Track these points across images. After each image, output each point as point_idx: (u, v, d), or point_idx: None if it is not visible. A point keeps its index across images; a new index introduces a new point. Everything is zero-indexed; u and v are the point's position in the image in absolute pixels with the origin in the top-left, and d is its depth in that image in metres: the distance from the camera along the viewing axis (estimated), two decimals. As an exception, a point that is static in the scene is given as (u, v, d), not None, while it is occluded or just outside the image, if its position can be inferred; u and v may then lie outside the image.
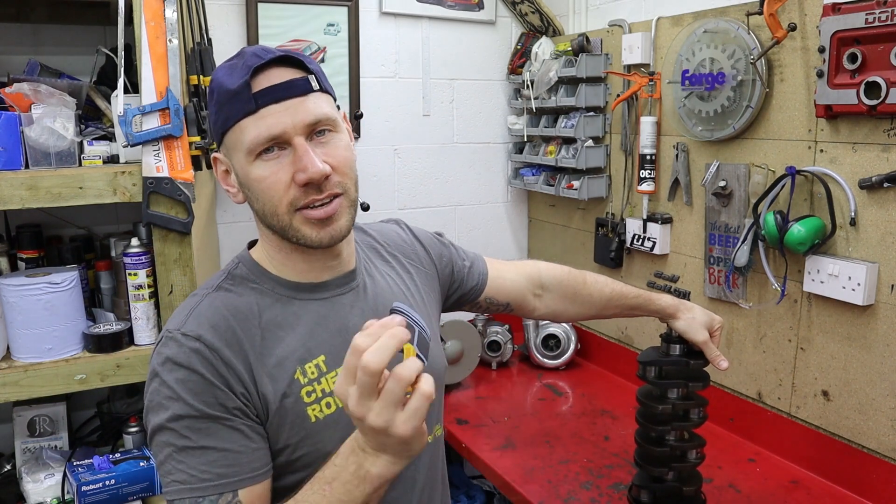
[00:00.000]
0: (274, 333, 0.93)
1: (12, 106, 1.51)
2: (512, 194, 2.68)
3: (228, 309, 0.93)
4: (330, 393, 0.94)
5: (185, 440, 0.86)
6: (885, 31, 1.33)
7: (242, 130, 0.90)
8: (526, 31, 2.52)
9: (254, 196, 0.93)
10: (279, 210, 0.91)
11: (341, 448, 0.79)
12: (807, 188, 1.58)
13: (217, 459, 0.86)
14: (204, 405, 0.86)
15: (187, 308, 0.94)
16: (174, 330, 0.90)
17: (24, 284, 1.52)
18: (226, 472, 0.86)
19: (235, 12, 2.12)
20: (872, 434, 1.51)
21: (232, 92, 0.89)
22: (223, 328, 0.90)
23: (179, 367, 0.87)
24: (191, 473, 0.85)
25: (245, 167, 0.91)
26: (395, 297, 1.07)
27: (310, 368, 0.94)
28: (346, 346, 0.90)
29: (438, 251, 1.23)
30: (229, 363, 0.89)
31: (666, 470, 1.39)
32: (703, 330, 1.34)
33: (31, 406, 1.75)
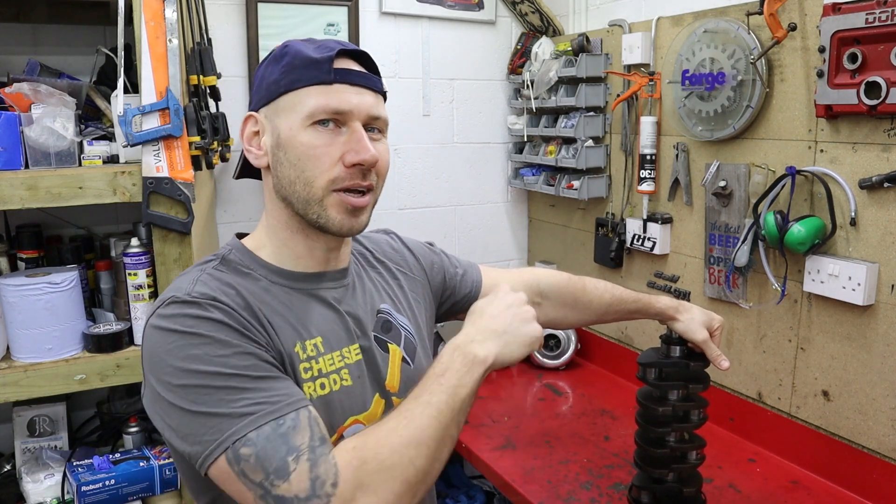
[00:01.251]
0: (273, 309, 0.92)
1: (12, 106, 1.51)
2: (512, 194, 2.67)
3: (229, 284, 0.90)
4: (326, 374, 0.92)
5: (237, 375, 0.79)
6: (885, 31, 1.33)
7: (308, 95, 0.90)
8: (526, 31, 2.52)
9: (290, 161, 0.91)
10: (317, 182, 0.91)
11: (440, 355, 0.86)
12: (807, 188, 1.58)
13: (277, 387, 0.81)
14: (241, 344, 0.82)
15: (188, 280, 0.89)
16: (183, 293, 0.85)
17: (24, 284, 1.52)
18: (291, 392, 0.82)
19: (235, 12, 2.12)
20: (872, 434, 1.51)
21: (311, 59, 0.90)
22: (231, 294, 0.88)
23: (201, 318, 0.82)
24: (255, 405, 0.78)
25: (296, 130, 0.90)
26: (382, 300, 1.07)
27: (309, 346, 0.92)
28: (340, 332, 0.97)
29: (429, 259, 1.22)
30: (247, 320, 0.85)
31: (666, 471, 1.39)
32: (702, 329, 1.34)
33: (31, 406, 1.75)
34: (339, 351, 0.95)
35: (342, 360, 0.95)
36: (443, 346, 0.93)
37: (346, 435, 0.93)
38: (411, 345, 1.07)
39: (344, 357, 0.95)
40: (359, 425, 0.94)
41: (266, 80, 0.94)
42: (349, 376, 0.95)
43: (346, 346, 0.97)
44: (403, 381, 1.03)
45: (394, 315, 1.07)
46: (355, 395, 0.95)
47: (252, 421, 0.77)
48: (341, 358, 0.95)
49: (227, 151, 1.79)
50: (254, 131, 0.96)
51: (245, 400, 0.78)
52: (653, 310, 1.39)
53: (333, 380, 0.93)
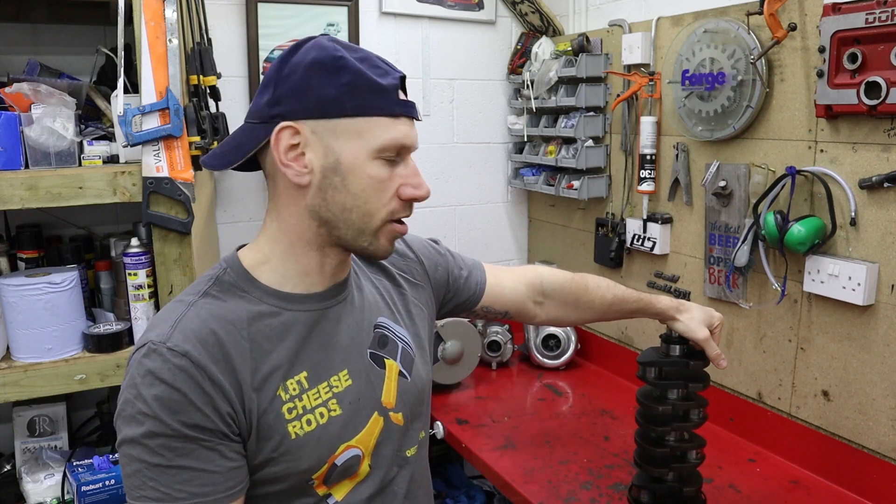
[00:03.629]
0: (260, 346, 0.89)
1: (12, 106, 1.51)
2: (512, 194, 2.68)
3: (216, 320, 0.87)
4: (311, 410, 0.91)
5: (159, 458, 0.82)
6: (885, 31, 1.33)
7: (378, 125, 0.88)
8: (526, 31, 2.52)
9: (350, 189, 0.89)
10: (378, 214, 0.91)
11: None
12: (807, 188, 1.58)
13: (192, 479, 0.83)
14: (181, 425, 0.82)
15: (172, 318, 0.87)
16: (159, 343, 0.84)
17: (24, 284, 1.52)
18: (201, 490, 0.83)
19: (235, 12, 2.12)
20: (872, 434, 1.51)
21: (380, 87, 0.88)
22: (211, 343, 0.85)
23: (161, 382, 0.82)
24: (164, 492, 0.82)
25: (362, 160, 0.88)
26: (380, 311, 1.05)
27: (291, 385, 0.91)
28: (328, 362, 0.95)
29: (433, 260, 1.20)
30: (216, 381, 0.84)
31: (666, 470, 1.39)
32: (702, 328, 1.35)
33: (31, 406, 1.75)
34: (325, 382, 0.94)
35: (329, 392, 0.94)
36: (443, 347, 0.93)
37: (338, 462, 0.93)
38: (408, 357, 1.05)
39: (332, 387, 0.94)
40: (352, 450, 0.95)
41: (317, 91, 0.87)
42: (338, 406, 0.94)
43: (335, 374, 0.95)
44: (400, 394, 1.02)
45: (391, 328, 1.05)
46: (346, 423, 0.94)
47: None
48: (328, 389, 0.94)
49: (227, 151, 1.79)
50: (291, 144, 0.88)
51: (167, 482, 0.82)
52: (653, 309, 1.39)
53: (320, 413, 0.92)
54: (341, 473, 0.94)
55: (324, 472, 0.92)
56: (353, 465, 0.95)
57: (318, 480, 0.93)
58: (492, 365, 2.36)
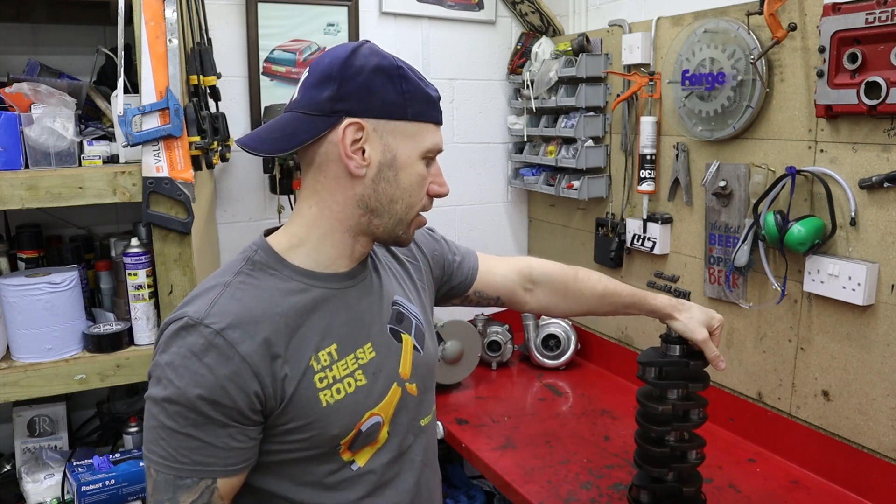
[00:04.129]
0: (293, 320, 0.96)
1: (12, 106, 1.51)
2: (512, 194, 2.68)
3: (251, 298, 0.94)
4: (340, 379, 0.98)
5: (172, 422, 0.88)
6: (885, 31, 1.33)
7: (428, 131, 1.01)
8: (526, 31, 2.52)
9: (399, 183, 0.99)
10: (416, 207, 1.02)
11: None
12: (807, 188, 1.58)
13: (197, 448, 0.89)
14: (200, 399, 0.88)
15: (210, 297, 0.94)
16: (196, 319, 0.90)
17: (24, 284, 1.52)
18: (202, 460, 0.90)
19: (235, 12, 2.12)
20: (872, 434, 1.51)
21: (430, 98, 1.01)
22: (246, 321, 0.92)
23: (192, 356, 0.88)
24: (170, 452, 0.89)
25: (414, 159, 0.99)
26: (395, 291, 1.13)
27: (323, 356, 0.97)
28: (354, 335, 1.03)
29: (431, 247, 1.28)
30: (247, 359, 0.90)
31: (666, 470, 1.39)
32: (701, 328, 1.34)
33: (31, 406, 1.75)
34: (352, 354, 1.01)
35: (355, 363, 1.01)
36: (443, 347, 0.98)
37: (363, 429, 1.00)
38: (421, 332, 1.14)
39: (358, 359, 1.02)
40: (375, 417, 1.02)
41: (378, 93, 0.96)
42: (363, 376, 1.01)
43: (360, 347, 1.03)
44: (415, 367, 1.10)
45: (405, 305, 1.14)
46: (370, 392, 1.02)
47: (165, 464, 0.90)
48: (355, 360, 1.01)
49: (227, 151, 1.79)
50: (357, 139, 0.96)
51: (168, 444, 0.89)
52: (648, 306, 1.39)
53: (348, 383, 0.99)
54: (364, 439, 1.01)
55: (350, 437, 0.99)
56: (374, 431, 1.02)
57: (345, 446, 1.00)
58: (492, 365, 2.36)
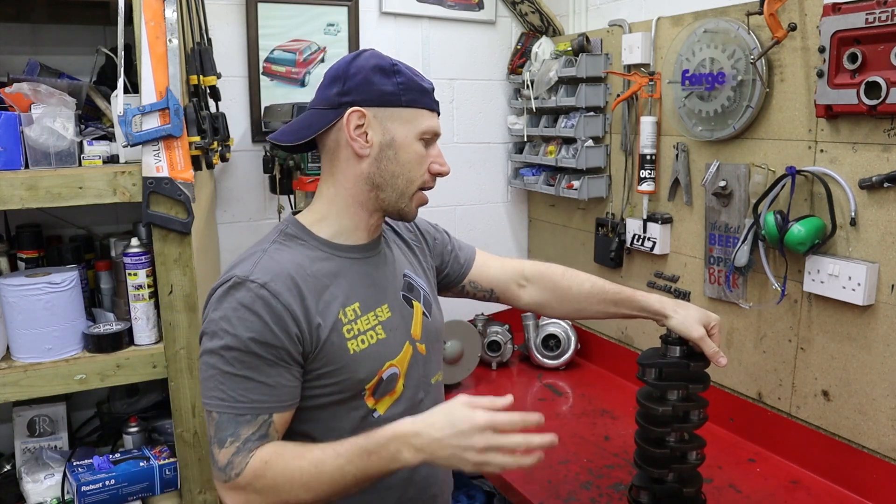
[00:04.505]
0: (321, 281, 1.13)
1: (12, 106, 1.51)
2: (512, 194, 2.68)
3: (286, 261, 1.11)
4: (364, 332, 1.15)
5: (230, 367, 1.04)
6: (885, 31, 1.33)
7: (422, 116, 1.16)
8: (526, 31, 2.52)
9: (399, 160, 1.16)
10: (416, 182, 1.18)
11: (381, 434, 1.00)
12: (807, 188, 1.58)
13: (254, 388, 1.05)
14: (253, 342, 1.04)
15: (252, 260, 1.11)
16: (243, 277, 1.07)
17: (24, 284, 1.52)
18: (259, 399, 1.05)
19: (235, 12, 2.12)
20: (872, 434, 1.51)
21: (423, 88, 1.17)
22: (284, 277, 1.08)
23: (243, 307, 1.05)
24: (229, 394, 1.04)
25: (411, 140, 1.16)
26: (404, 266, 1.31)
27: (349, 311, 1.15)
28: (374, 296, 1.21)
29: (433, 235, 1.45)
30: (288, 307, 1.06)
31: (666, 471, 1.39)
32: (697, 326, 1.34)
33: (31, 406, 1.75)
34: (373, 311, 1.18)
35: (376, 319, 1.18)
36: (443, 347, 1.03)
37: (384, 377, 1.17)
38: (428, 301, 1.32)
39: (377, 316, 1.19)
40: (393, 368, 1.19)
41: (376, 86, 1.14)
42: (383, 331, 1.18)
43: (379, 307, 1.20)
44: (424, 329, 1.27)
45: (414, 278, 1.31)
46: (389, 345, 1.19)
47: (227, 405, 1.05)
48: (375, 317, 1.18)
49: (227, 151, 1.79)
50: (359, 124, 1.14)
51: (227, 388, 1.05)
52: (637, 304, 1.41)
53: (370, 335, 1.16)
54: (385, 387, 1.18)
55: (374, 383, 1.16)
56: (392, 381, 1.19)
57: (369, 391, 1.16)
58: (492, 365, 2.36)
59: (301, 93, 2.24)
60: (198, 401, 1.63)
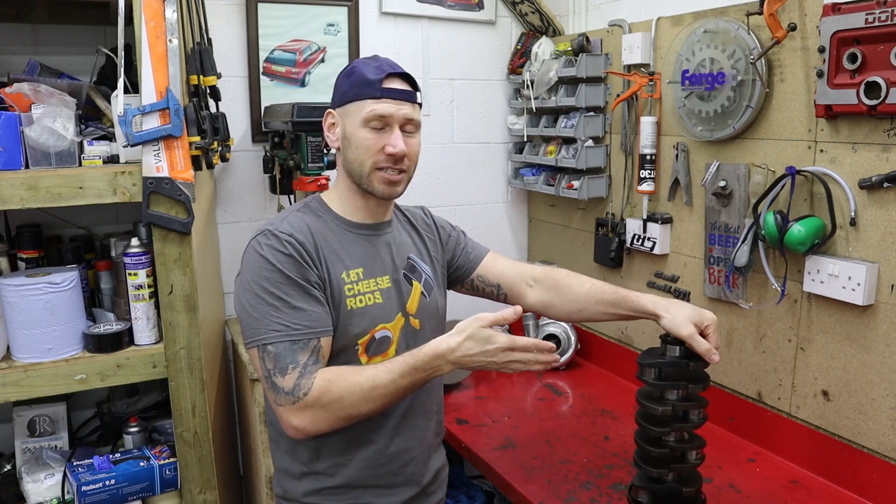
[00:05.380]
0: (330, 245, 1.31)
1: (12, 106, 1.52)
2: (512, 194, 2.68)
3: (307, 224, 1.30)
4: (363, 293, 1.30)
5: (277, 301, 1.20)
6: (885, 31, 1.33)
7: (365, 105, 1.28)
8: (526, 31, 2.52)
9: (352, 148, 1.30)
10: (366, 164, 1.29)
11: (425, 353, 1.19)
12: (807, 188, 1.58)
13: (302, 316, 1.21)
14: (296, 275, 1.22)
15: (281, 217, 1.32)
16: (274, 229, 1.26)
17: (24, 284, 1.52)
18: (311, 324, 1.21)
19: (235, 12, 2.12)
20: (872, 434, 1.51)
21: (367, 80, 1.28)
22: (306, 232, 1.28)
23: (278, 251, 1.23)
24: (286, 324, 1.20)
25: (356, 128, 1.29)
26: (410, 250, 1.43)
27: (353, 273, 1.31)
28: (376, 266, 1.36)
29: (447, 231, 1.57)
30: (310, 254, 1.25)
31: (666, 471, 1.39)
32: (688, 324, 1.32)
33: (31, 406, 1.75)
34: (374, 279, 1.33)
35: (376, 286, 1.33)
36: None
37: (376, 336, 1.31)
38: (429, 284, 1.43)
39: (378, 284, 1.33)
40: (385, 330, 1.33)
41: (340, 89, 1.33)
42: (381, 297, 1.32)
43: (381, 276, 1.34)
44: (420, 307, 1.39)
45: (418, 262, 1.43)
46: (384, 310, 1.33)
47: (280, 335, 1.20)
48: (375, 284, 1.33)
49: (227, 151, 1.79)
50: (331, 123, 1.35)
51: (282, 318, 1.20)
52: (630, 304, 1.41)
53: (369, 297, 1.31)
54: (377, 347, 1.31)
55: (366, 340, 1.30)
56: (384, 343, 1.33)
57: (362, 347, 1.30)
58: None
59: (301, 93, 2.24)
60: (198, 401, 1.63)
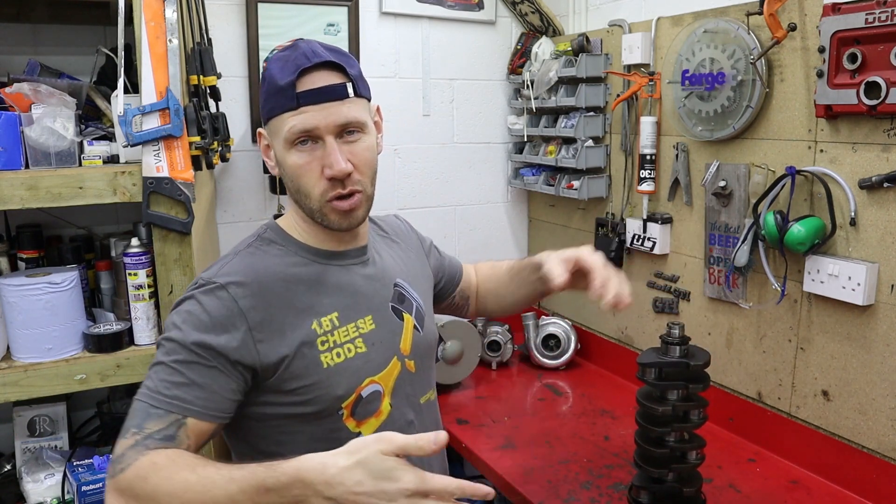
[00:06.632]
0: (294, 289, 1.07)
1: (12, 106, 1.52)
2: (512, 194, 2.68)
3: (257, 265, 1.07)
4: (341, 344, 1.08)
5: (165, 357, 0.99)
6: (885, 31, 1.33)
7: (283, 122, 1.03)
8: (526, 31, 2.52)
9: (288, 177, 1.07)
10: (312, 196, 1.06)
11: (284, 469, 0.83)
12: (807, 188, 1.58)
13: (177, 385, 0.97)
14: (196, 342, 0.98)
15: (221, 262, 1.08)
16: (206, 279, 1.04)
17: (24, 284, 1.52)
18: (179, 395, 0.97)
19: (235, 12, 2.12)
20: (872, 434, 1.51)
21: (279, 87, 1.02)
22: (250, 281, 1.04)
23: (196, 302, 1.01)
24: (155, 384, 0.98)
25: (282, 152, 1.05)
26: (397, 273, 1.22)
27: (325, 321, 1.08)
28: (354, 305, 1.12)
29: (427, 243, 1.44)
30: (246, 311, 1.01)
31: (666, 471, 1.39)
32: (557, 267, 1.18)
33: (31, 406, 1.75)
34: (353, 323, 1.10)
35: (357, 331, 1.10)
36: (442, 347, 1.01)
37: (363, 394, 1.08)
38: (421, 314, 1.23)
39: (359, 328, 1.11)
40: (374, 385, 1.10)
41: (260, 101, 1.08)
42: (363, 344, 1.10)
43: (361, 318, 1.12)
44: (414, 345, 1.18)
45: (407, 289, 1.22)
46: (370, 360, 1.10)
47: (147, 393, 0.98)
48: (356, 329, 1.10)
49: (227, 151, 1.79)
50: (266, 144, 1.11)
51: (160, 377, 0.98)
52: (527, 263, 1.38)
53: (348, 348, 1.08)
54: (366, 406, 1.09)
55: (352, 401, 1.08)
56: (375, 399, 1.10)
57: (347, 411, 1.08)
58: (492, 365, 2.36)
59: (301, 93, 2.24)
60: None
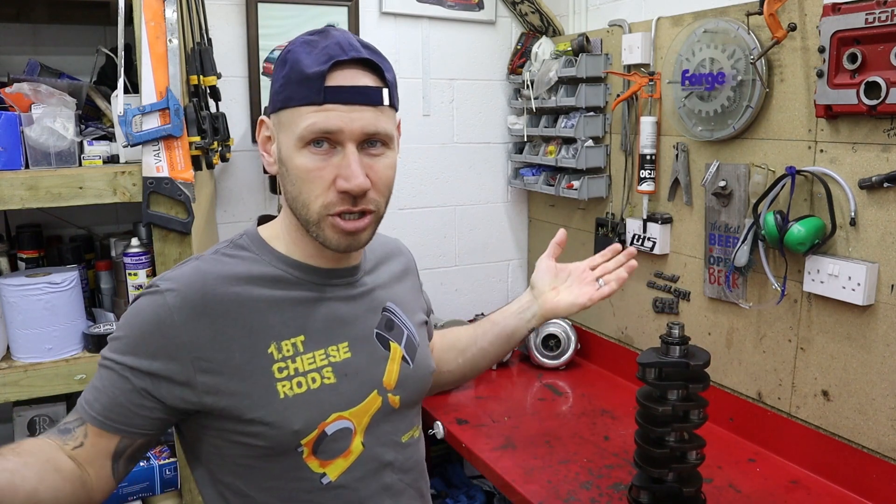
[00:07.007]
0: (257, 304, 0.92)
1: (12, 106, 1.52)
2: (512, 194, 2.68)
3: (213, 274, 0.93)
4: (303, 373, 0.93)
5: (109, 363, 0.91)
6: (885, 31, 1.33)
7: (301, 115, 0.88)
8: (526, 31, 2.52)
9: (290, 180, 0.92)
10: (312, 206, 0.91)
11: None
12: (807, 188, 1.58)
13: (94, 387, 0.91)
14: (118, 349, 0.90)
15: (179, 267, 0.95)
16: (154, 282, 0.92)
17: (24, 284, 1.53)
18: (89, 400, 0.90)
19: (235, 12, 2.12)
20: (872, 434, 1.51)
21: (304, 76, 0.87)
22: (199, 291, 0.90)
23: (136, 311, 0.91)
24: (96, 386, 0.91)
25: (291, 150, 0.90)
26: (389, 299, 1.07)
27: (286, 346, 0.93)
28: (328, 331, 0.96)
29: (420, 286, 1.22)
30: (184, 324, 0.89)
31: (666, 471, 1.39)
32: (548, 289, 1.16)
33: (31, 406, 1.75)
34: (322, 349, 0.95)
35: (325, 359, 0.95)
36: None
37: (327, 431, 0.93)
38: (412, 345, 1.06)
39: (329, 355, 0.95)
40: (343, 421, 0.95)
41: (273, 86, 0.92)
42: (332, 374, 0.95)
43: (334, 345, 0.96)
44: (401, 379, 1.02)
45: (398, 315, 1.07)
46: (339, 393, 0.95)
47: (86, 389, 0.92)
48: (325, 357, 0.95)
49: (227, 151, 1.79)
50: (267, 136, 0.96)
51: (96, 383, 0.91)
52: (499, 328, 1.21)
53: (312, 378, 0.93)
54: (331, 445, 0.94)
55: (313, 438, 0.92)
56: (343, 438, 0.95)
57: (308, 448, 0.93)
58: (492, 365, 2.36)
59: (301, 93, 2.24)
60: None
